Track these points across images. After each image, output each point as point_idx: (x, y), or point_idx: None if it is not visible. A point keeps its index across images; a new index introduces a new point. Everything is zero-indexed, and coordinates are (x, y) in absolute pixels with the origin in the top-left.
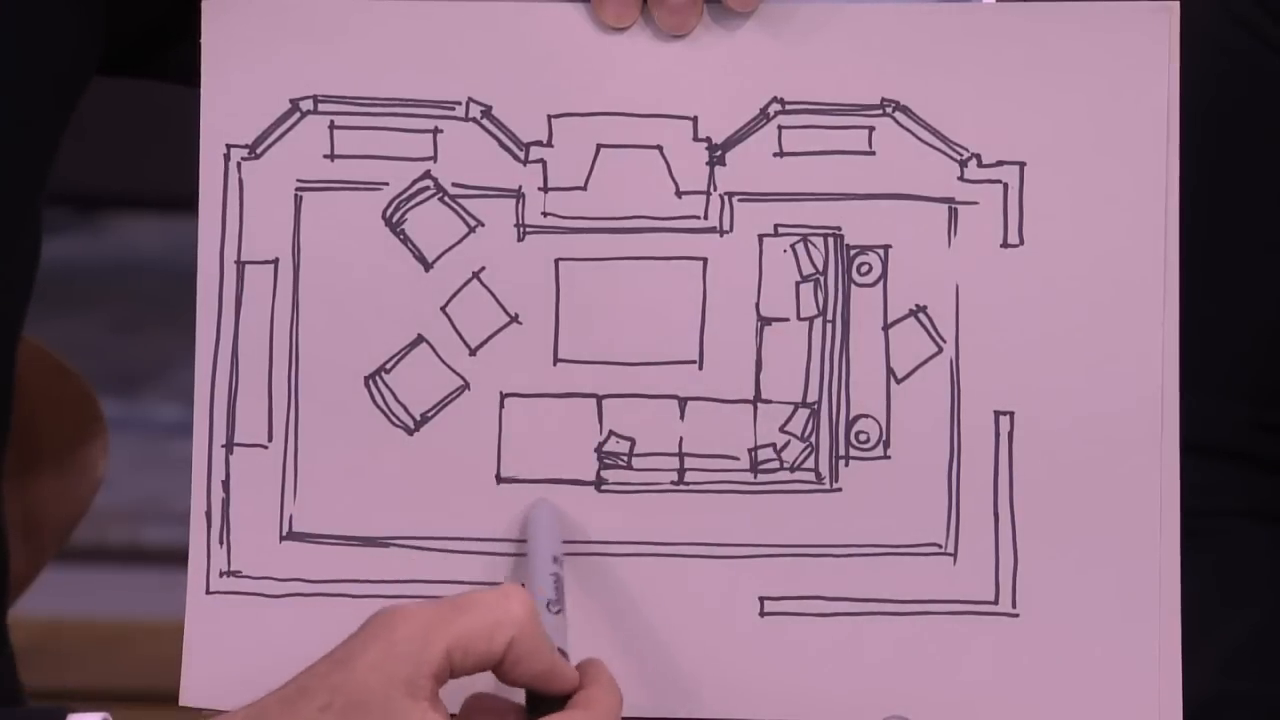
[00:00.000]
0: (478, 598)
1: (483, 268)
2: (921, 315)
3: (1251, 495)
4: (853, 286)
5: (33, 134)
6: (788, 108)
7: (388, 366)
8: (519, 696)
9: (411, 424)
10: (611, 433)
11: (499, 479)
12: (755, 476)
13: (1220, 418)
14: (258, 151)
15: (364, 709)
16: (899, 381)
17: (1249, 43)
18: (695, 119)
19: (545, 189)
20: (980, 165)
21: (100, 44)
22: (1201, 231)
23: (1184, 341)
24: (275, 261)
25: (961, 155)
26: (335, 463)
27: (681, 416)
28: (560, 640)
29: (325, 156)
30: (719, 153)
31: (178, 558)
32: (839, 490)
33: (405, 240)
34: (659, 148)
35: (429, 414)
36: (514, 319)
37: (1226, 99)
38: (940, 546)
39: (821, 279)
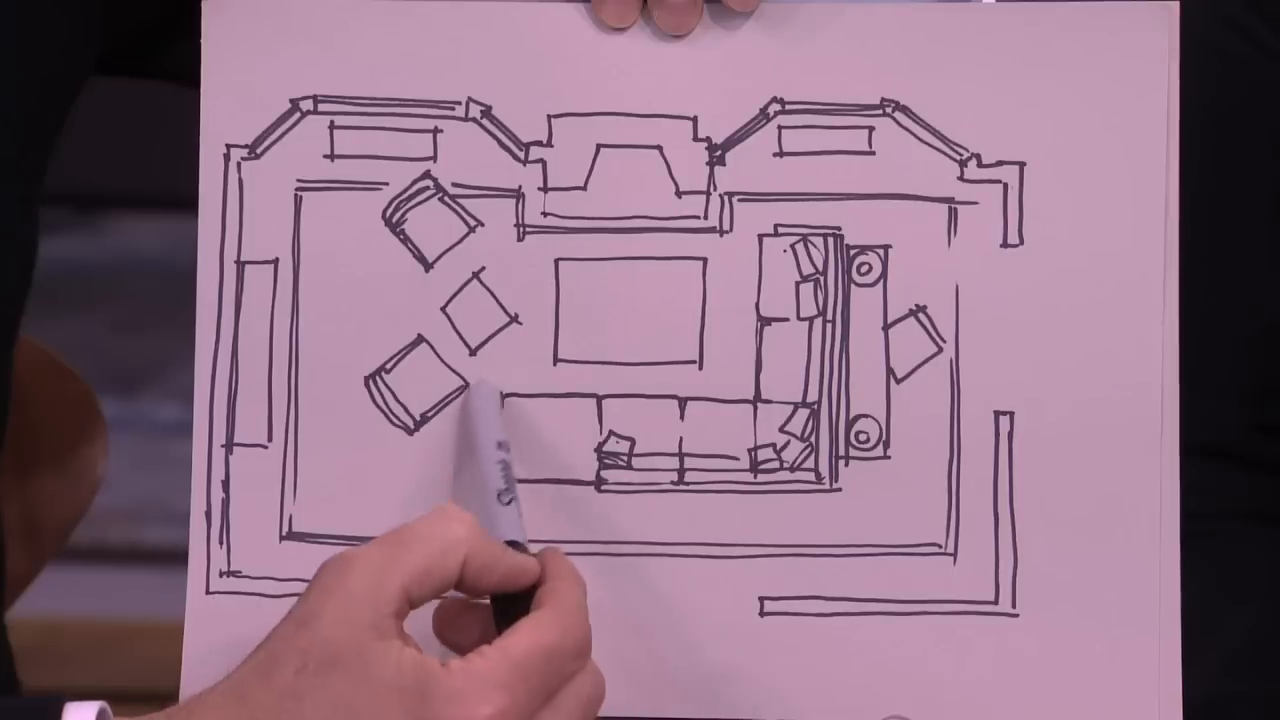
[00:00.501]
0: (418, 529)
1: (483, 268)
2: (921, 315)
3: (1250, 496)
4: (853, 286)
5: (30, 134)
6: (788, 108)
7: (388, 366)
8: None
9: (411, 424)
10: (611, 433)
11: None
12: (755, 476)
13: (1218, 419)
14: (258, 151)
15: (338, 662)
16: (899, 381)
17: (1241, 45)
18: (695, 119)
19: (545, 189)
20: (980, 165)
21: (97, 43)
22: (1197, 233)
23: (1182, 342)
24: (275, 261)
25: (961, 155)
26: (335, 463)
27: (681, 416)
28: (514, 531)
29: (325, 156)
30: (719, 153)
31: (178, 558)
32: (839, 490)
33: (405, 240)
34: (659, 148)
35: (429, 414)
36: (514, 319)
37: (1221, 102)
38: (940, 546)
39: (821, 279)
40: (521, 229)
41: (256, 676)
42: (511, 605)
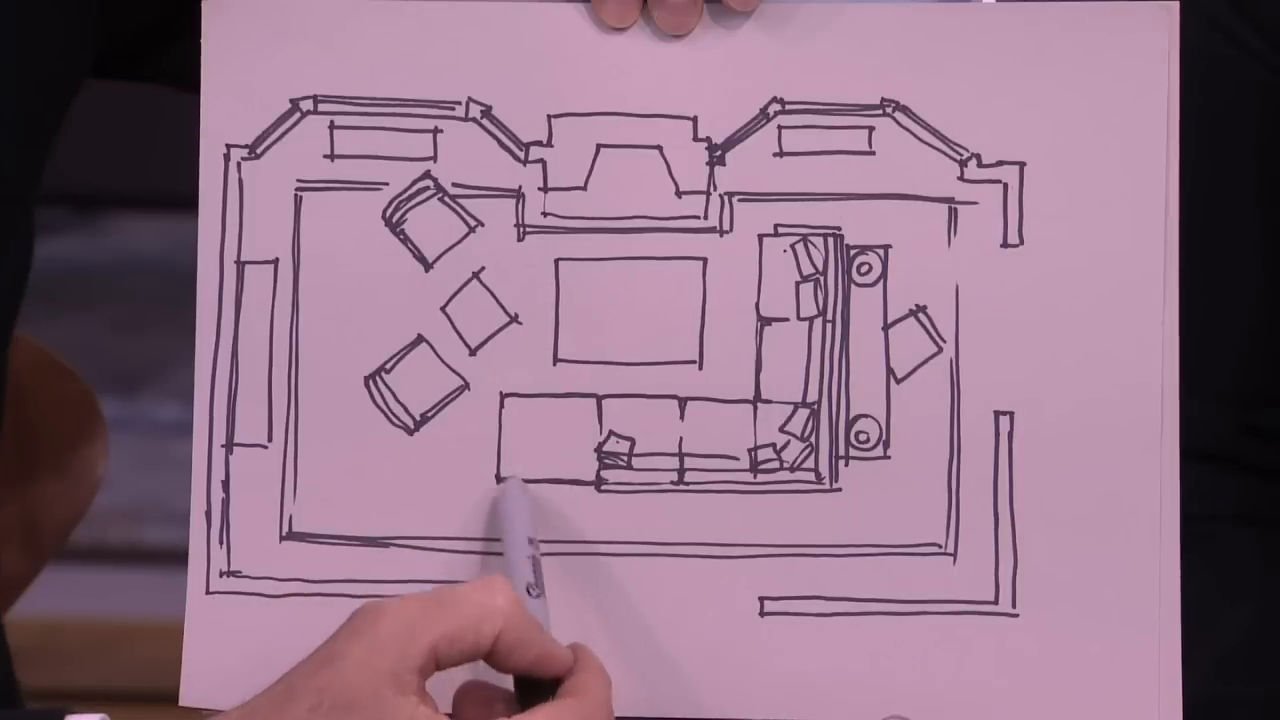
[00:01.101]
0: (461, 591)
1: (483, 268)
2: (921, 315)
3: (1242, 499)
4: (853, 286)
5: (26, 135)
6: (788, 108)
7: (388, 366)
8: (508, 682)
9: (411, 424)
10: (611, 433)
11: (499, 479)
12: (755, 476)
13: (1210, 422)
14: (258, 151)
15: (353, 708)
16: (899, 381)
17: (1225, 47)
18: (695, 119)
19: (545, 189)
20: (980, 165)
21: (94, 45)
22: (1185, 239)
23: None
24: (275, 261)
25: (961, 155)
26: (335, 463)
27: (681, 416)
28: (544, 624)
29: (325, 156)
30: (719, 153)
31: (178, 558)
32: (839, 490)
33: (405, 240)
34: (659, 148)
35: (429, 414)
36: (514, 319)
37: (1210, 106)
38: (940, 546)
39: (821, 279)
40: (521, 229)
41: (271, 707)
42: (536, 691)
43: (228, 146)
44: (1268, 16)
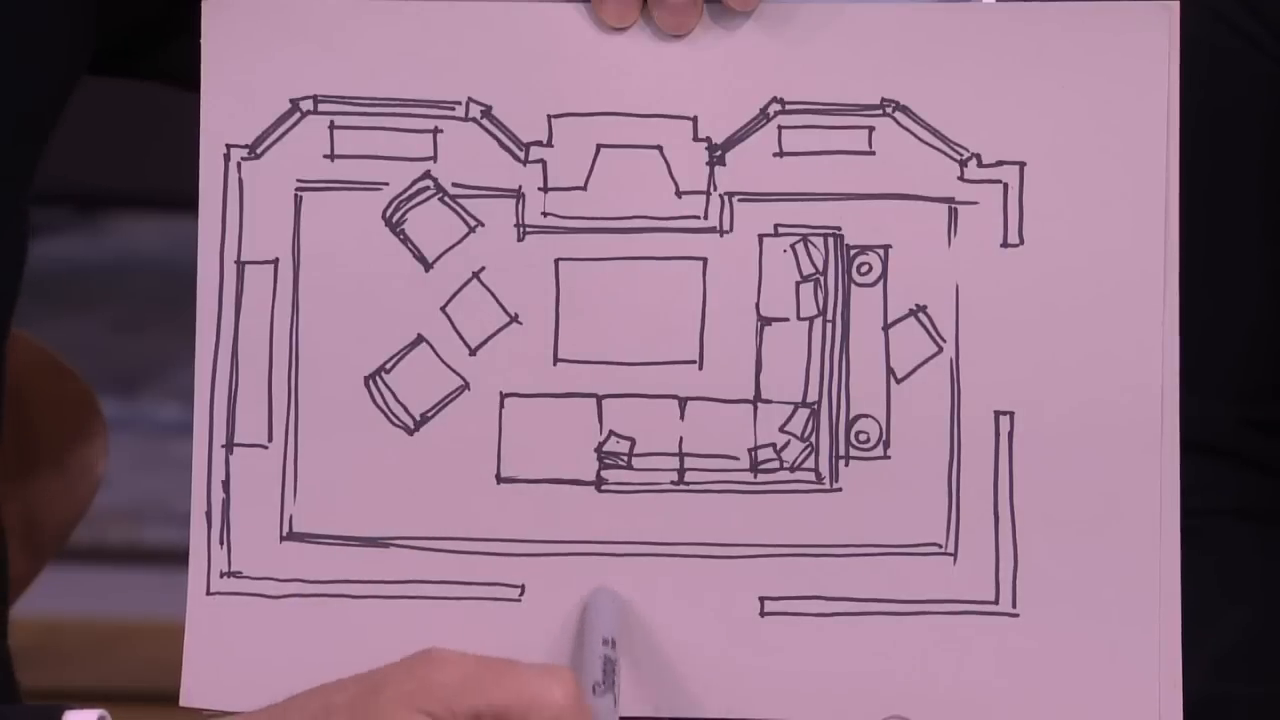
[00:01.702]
0: (524, 671)
1: (483, 268)
2: (921, 315)
3: (1242, 494)
4: (853, 286)
5: (21, 133)
6: (788, 108)
7: (388, 366)
8: None
9: (411, 424)
10: (611, 433)
11: (499, 479)
12: (755, 476)
13: (1210, 416)
14: (258, 151)
15: None
16: (899, 381)
17: (1233, 42)
18: (695, 119)
19: (545, 189)
20: (980, 165)
21: (91, 42)
22: (1188, 233)
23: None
24: (275, 261)
25: (961, 155)
26: (335, 463)
27: (681, 416)
28: None
29: (325, 156)
30: (719, 153)
31: (178, 558)
32: (839, 490)
33: (405, 240)
34: (659, 148)
35: (429, 414)
36: (514, 319)
37: (1215, 100)
38: (940, 546)
39: (821, 279)
40: (521, 229)
41: (304, 716)
42: None
43: (228, 146)
44: (1273, 9)
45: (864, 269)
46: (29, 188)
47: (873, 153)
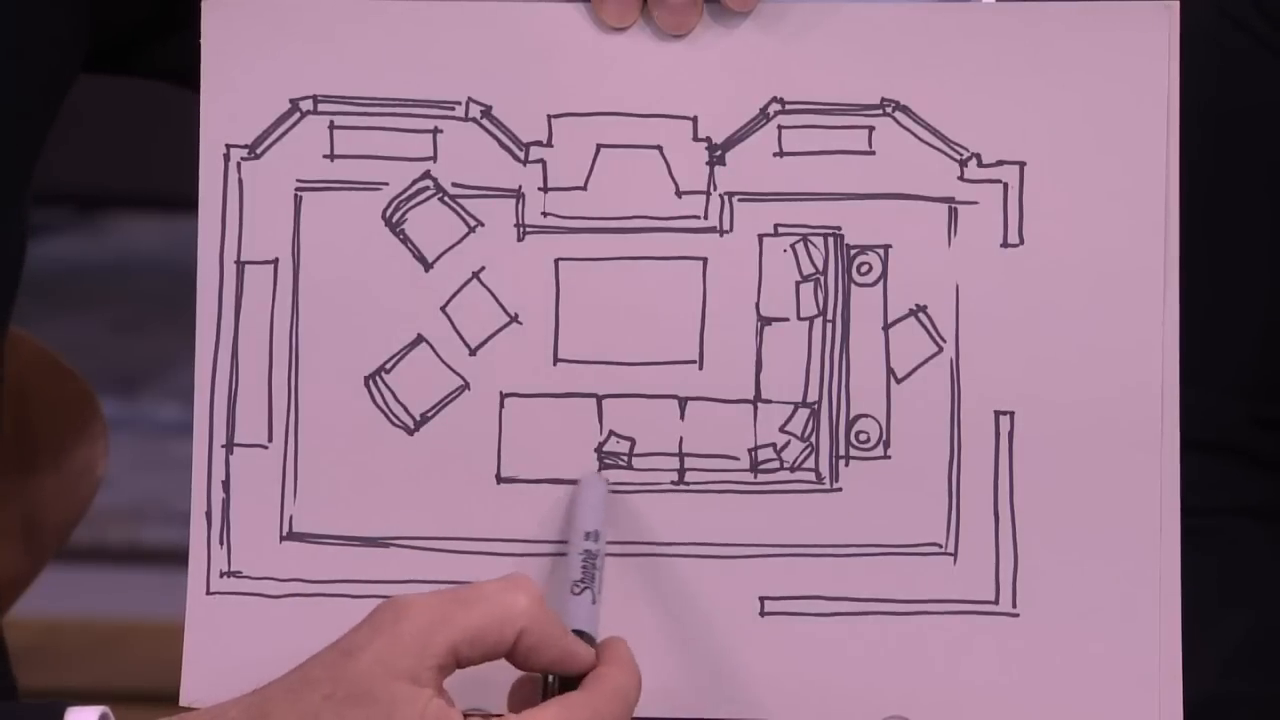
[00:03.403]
0: (484, 590)
1: (483, 268)
2: (921, 315)
3: (1248, 492)
4: (853, 286)
5: (17, 132)
6: (787, 107)
7: (388, 366)
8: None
9: (411, 424)
10: (611, 433)
11: (499, 479)
12: (755, 476)
13: (1216, 413)
14: (258, 151)
15: (365, 699)
16: (899, 381)
17: (1244, 42)
18: (695, 119)
19: (545, 189)
20: (980, 165)
21: (87, 40)
22: (1194, 226)
23: (1180, 337)
24: (275, 261)
25: (961, 155)
26: (335, 463)
27: (681, 416)
28: (581, 622)
29: (325, 156)
30: (719, 152)
31: (178, 558)
32: (839, 490)
33: (405, 240)
34: (659, 148)
35: (429, 414)
36: (514, 319)
37: (1223, 98)
38: (940, 546)
39: (821, 279)
40: (521, 229)
41: (285, 693)
42: (563, 690)
43: (227, 146)
44: (1277, 5)
45: (864, 269)
46: (27, 187)
47: (873, 153)
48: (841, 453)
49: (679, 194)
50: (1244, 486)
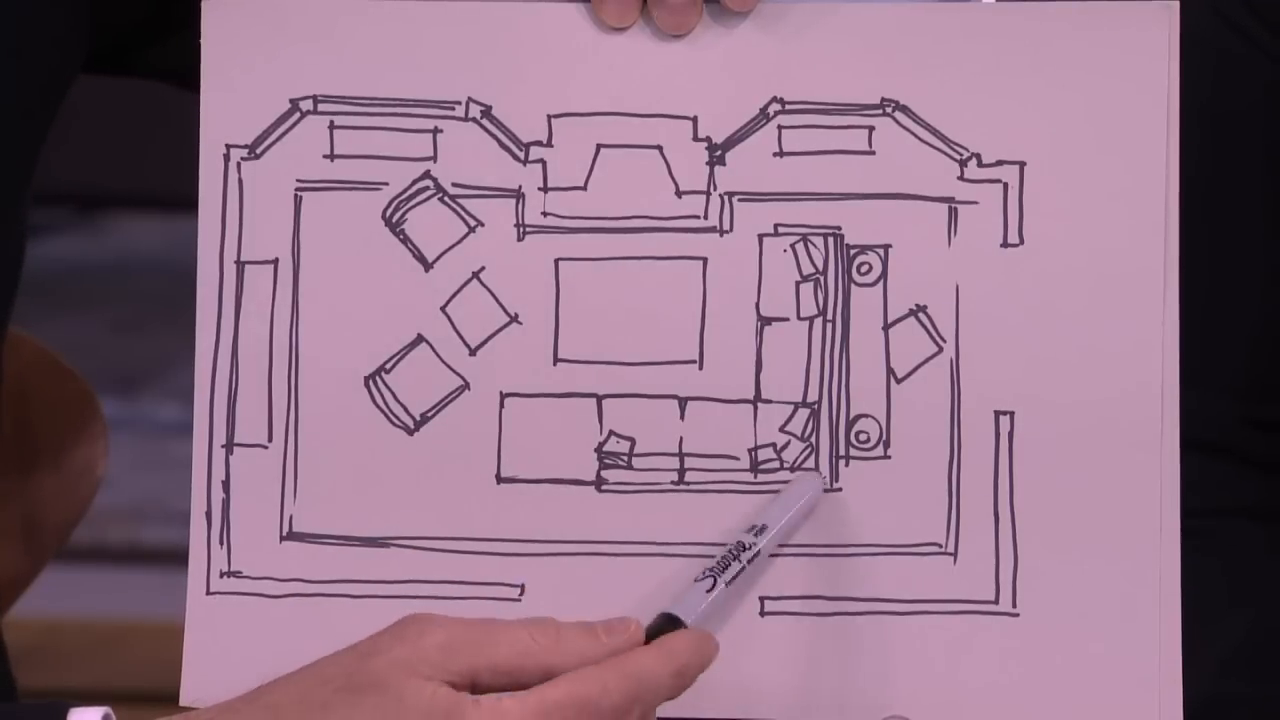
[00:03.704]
0: (509, 626)
1: (483, 268)
2: (921, 315)
3: (1247, 493)
4: (853, 286)
5: (17, 131)
6: (787, 107)
7: (388, 366)
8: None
9: (411, 424)
10: (611, 433)
11: (499, 479)
12: (755, 476)
13: (1213, 415)
14: (258, 151)
15: (375, 689)
16: (899, 381)
17: (1238, 44)
18: (695, 119)
19: (545, 189)
20: (980, 165)
21: (86, 41)
22: (1192, 229)
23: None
24: (275, 261)
25: (961, 155)
26: (335, 463)
27: (681, 416)
28: (682, 609)
29: (325, 156)
30: (719, 152)
31: (178, 558)
32: (839, 490)
33: (405, 240)
34: (659, 148)
35: (429, 414)
36: (514, 319)
37: (1216, 99)
38: (940, 546)
39: (821, 279)
40: (521, 229)
41: (296, 690)
42: None
43: (227, 147)
44: (1273, 8)
45: (864, 269)
46: (27, 187)
47: (873, 152)
48: (841, 453)
49: (679, 194)
50: (1241, 487)
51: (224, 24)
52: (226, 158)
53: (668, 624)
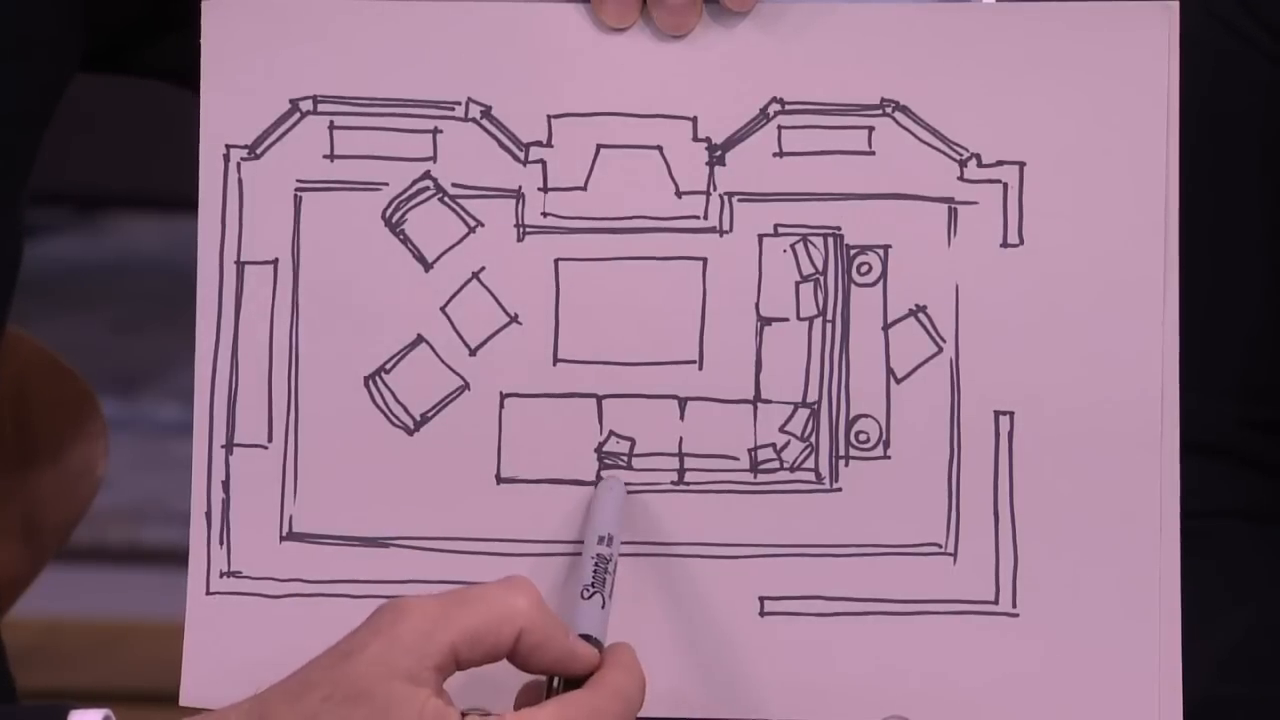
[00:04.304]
0: (484, 591)
1: (483, 268)
2: (921, 315)
3: (1244, 495)
4: (853, 286)
5: (15, 131)
6: (787, 108)
7: (388, 366)
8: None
9: (411, 424)
10: (611, 433)
11: (499, 479)
12: (755, 476)
13: (1212, 417)
14: (258, 152)
15: (363, 699)
16: (899, 381)
17: (1233, 44)
18: (695, 119)
19: (545, 189)
20: (980, 165)
21: (82, 40)
22: (1186, 233)
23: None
24: (275, 261)
25: (961, 155)
26: (335, 463)
27: (681, 416)
28: (588, 626)
29: (325, 157)
30: (719, 153)
31: (178, 558)
32: (839, 490)
33: (405, 240)
34: (659, 148)
35: (429, 414)
36: (514, 319)
37: (1213, 101)
38: (940, 546)
39: (821, 279)
40: (521, 229)
41: (285, 698)
42: (566, 690)
43: (227, 147)
44: (1271, 10)
45: (864, 269)
46: (24, 186)
47: (872, 153)
48: (841, 453)
49: (679, 194)
50: (1239, 489)
51: (224, 24)
52: (226, 158)
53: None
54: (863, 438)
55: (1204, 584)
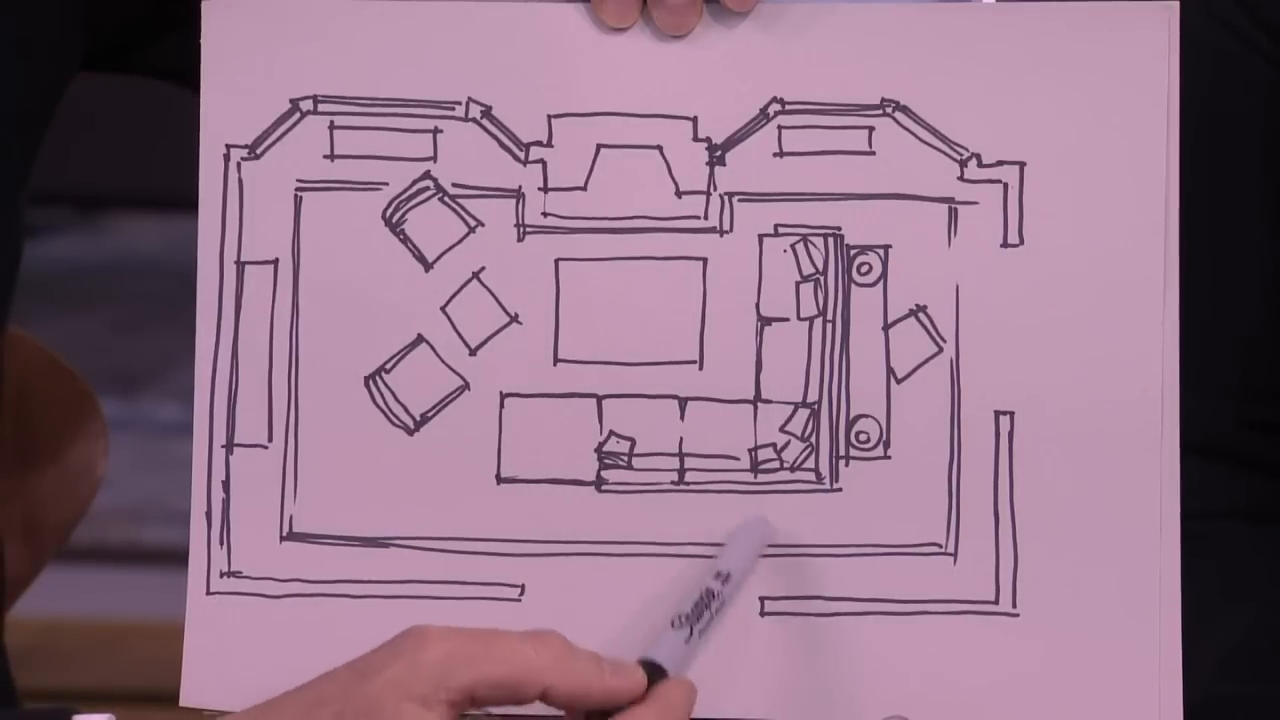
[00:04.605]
0: (509, 643)
1: (483, 268)
2: (921, 315)
3: (1244, 495)
4: (853, 286)
5: (15, 130)
6: (788, 108)
7: (388, 366)
8: None
9: (411, 424)
10: (611, 433)
11: (499, 479)
12: (755, 476)
13: (1211, 417)
14: (258, 151)
15: (373, 713)
16: (899, 381)
17: (1232, 45)
18: (695, 119)
19: (545, 189)
20: (980, 165)
21: (83, 40)
22: (1193, 231)
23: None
24: (275, 261)
25: (961, 155)
26: (335, 463)
27: (681, 416)
28: (664, 656)
29: (325, 156)
30: (719, 153)
31: (178, 558)
32: (839, 490)
33: (405, 240)
34: (659, 148)
35: (429, 414)
36: (514, 319)
37: (1213, 102)
38: (940, 546)
39: (821, 279)
40: (521, 229)
41: (298, 710)
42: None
43: (227, 147)
44: (1270, 11)
45: (864, 269)
46: (24, 186)
47: (873, 153)
48: (841, 453)
49: (679, 194)
50: (1238, 490)
51: (224, 24)
52: (226, 158)
53: (653, 672)
54: (863, 438)
55: (1204, 584)
